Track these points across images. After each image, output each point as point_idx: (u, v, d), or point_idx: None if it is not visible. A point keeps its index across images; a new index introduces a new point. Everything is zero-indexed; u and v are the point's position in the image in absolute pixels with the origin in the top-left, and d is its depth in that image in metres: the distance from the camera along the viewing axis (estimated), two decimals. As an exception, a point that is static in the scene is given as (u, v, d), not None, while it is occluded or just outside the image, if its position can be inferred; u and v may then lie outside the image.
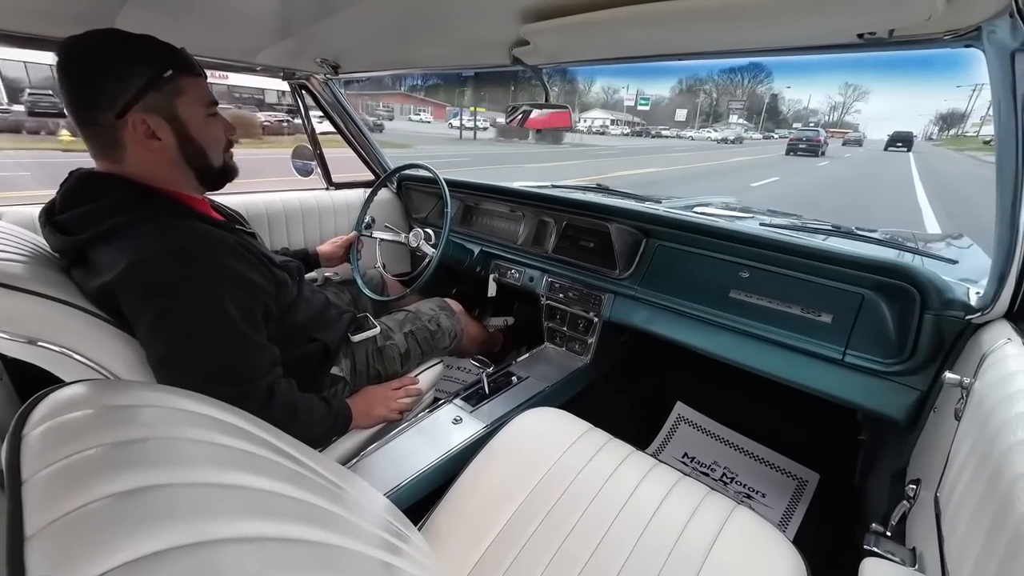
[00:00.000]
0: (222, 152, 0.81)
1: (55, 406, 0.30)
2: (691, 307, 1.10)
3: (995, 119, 0.61)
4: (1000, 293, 0.69)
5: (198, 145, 0.75)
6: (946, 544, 0.51)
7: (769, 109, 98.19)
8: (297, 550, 0.30)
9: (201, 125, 0.75)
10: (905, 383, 0.86)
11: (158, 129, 0.70)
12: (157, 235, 0.68)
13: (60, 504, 0.24)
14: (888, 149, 28.75)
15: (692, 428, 1.43)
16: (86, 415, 0.31)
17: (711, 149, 26.22)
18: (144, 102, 0.68)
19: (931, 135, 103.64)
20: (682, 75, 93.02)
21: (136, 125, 0.68)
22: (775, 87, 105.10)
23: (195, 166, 0.77)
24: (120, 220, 0.67)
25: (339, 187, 1.78)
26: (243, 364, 0.71)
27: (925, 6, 0.51)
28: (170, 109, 0.71)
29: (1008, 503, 0.40)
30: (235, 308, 0.70)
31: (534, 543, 0.66)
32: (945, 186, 10.72)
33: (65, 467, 0.26)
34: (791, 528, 1.15)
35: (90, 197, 0.70)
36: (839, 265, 0.93)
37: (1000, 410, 0.50)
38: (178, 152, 0.74)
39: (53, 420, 0.29)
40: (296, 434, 0.48)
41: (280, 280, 0.83)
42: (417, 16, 0.87)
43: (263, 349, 0.75)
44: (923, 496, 0.65)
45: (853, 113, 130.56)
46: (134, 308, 0.66)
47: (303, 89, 1.57)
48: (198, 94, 0.74)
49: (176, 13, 0.87)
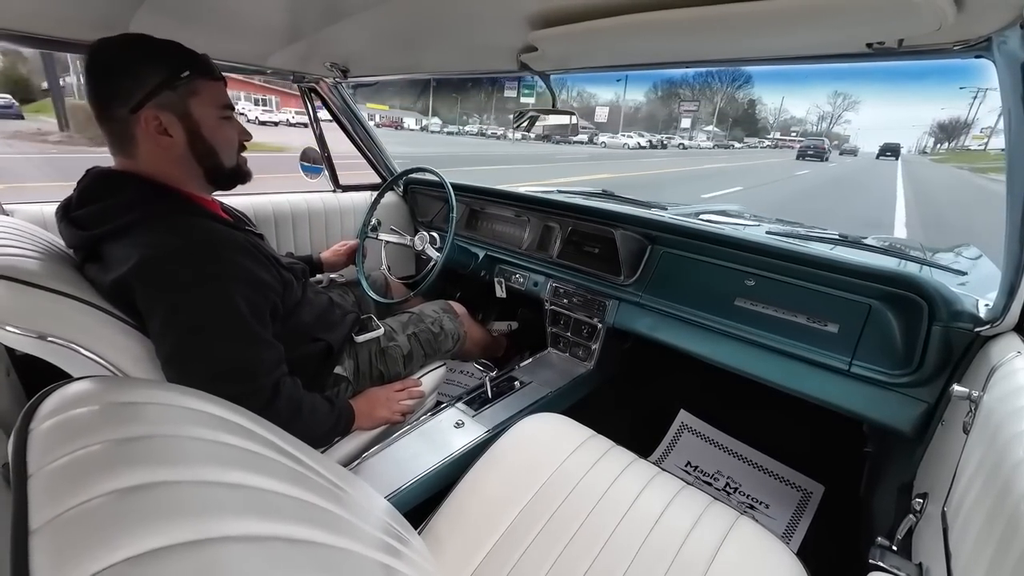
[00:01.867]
0: (235, 154, 0.83)
1: (62, 402, 0.31)
2: (696, 315, 1.09)
3: (1006, 130, 0.61)
4: (1010, 306, 0.68)
5: (208, 144, 0.77)
6: (953, 560, 0.50)
7: (743, 117, 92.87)
8: (298, 550, 0.30)
9: (213, 126, 0.77)
10: (912, 395, 0.85)
11: (169, 126, 0.72)
12: (171, 231, 0.69)
13: (65, 499, 0.24)
14: (879, 158, 35.81)
15: (695, 437, 1.41)
16: (92, 411, 0.31)
17: (624, 158, 20.60)
18: (158, 99, 0.70)
19: (926, 148, 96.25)
20: (658, 79, 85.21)
21: (148, 120, 0.70)
22: (752, 94, 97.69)
23: (205, 165, 0.78)
24: (135, 216, 0.69)
25: (346, 189, 1.79)
26: (250, 361, 0.72)
27: (935, 16, 0.51)
28: (183, 108, 0.73)
29: (1017, 520, 0.40)
30: (245, 305, 0.72)
31: (534, 550, 0.66)
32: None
33: (70, 463, 0.26)
34: (795, 540, 1.14)
35: (106, 193, 0.72)
36: (846, 275, 0.92)
37: (1009, 424, 0.49)
38: (188, 149, 0.75)
39: (59, 416, 0.29)
40: (299, 433, 0.49)
41: (287, 280, 0.84)
42: (426, 22, 0.88)
43: (270, 346, 0.76)
44: (930, 510, 0.64)
45: (842, 124, 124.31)
46: (147, 302, 0.68)
47: (312, 92, 1.58)
48: (213, 96, 0.76)
49: (189, 17, 0.89)
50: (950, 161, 36.78)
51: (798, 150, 29.74)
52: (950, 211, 9.22)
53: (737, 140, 64.51)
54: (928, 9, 0.50)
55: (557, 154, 20.21)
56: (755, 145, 62.67)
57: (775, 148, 58.86)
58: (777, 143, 71.27)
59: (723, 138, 61.90)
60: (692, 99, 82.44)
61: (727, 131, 78.14)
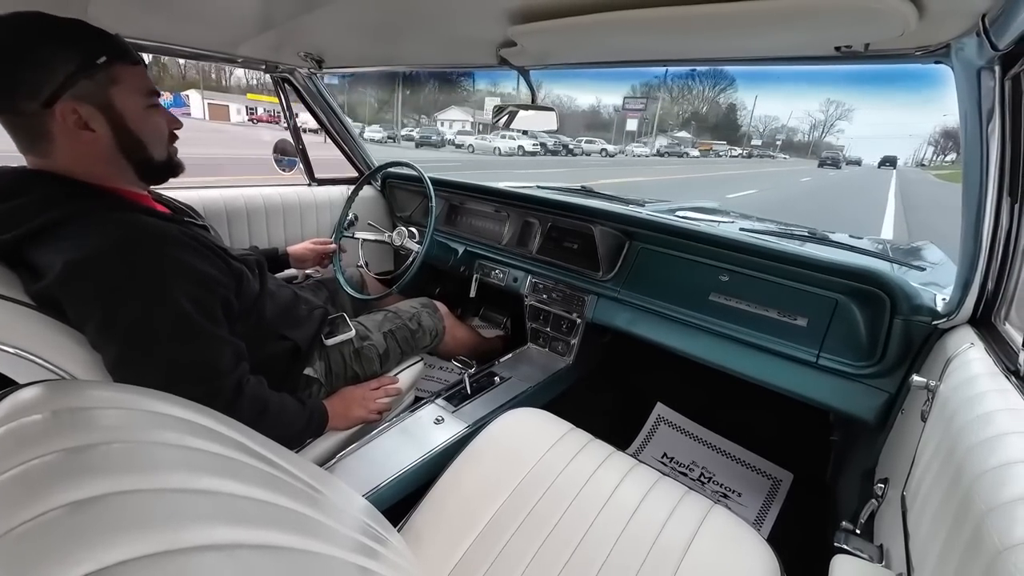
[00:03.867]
0: (165, 146, 0.76)
1: (11, 409, 0.29)
2: (672, 309, 1.12)
3: (962, 133, 0.64)
4: (964, 300, 0.72)
5: (136, 137, 0.70)
6: (911, 540, 0.53)
7: (719, 124, 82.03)
8: (270, 557, 0.29)
9: (140, 116, 0.70)
10: (875, 385, 0.89)
11: (91, 120, 0.65)
12: (96, 231, 0.63)
13: (17, 513, 0.23)
14: (880, 167, 44.77)
15: (671, 429, 1.45)
16: (45, 418, 0.29)
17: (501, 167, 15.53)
18: (74, 91, 0.63)
19: (924, 160, 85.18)
20: (637, 80, 76.56)
21: (66, 115, 0.63)
22: (729, 97, 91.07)
23: (133, 159, 0.72)
24: (52, 216, 0.63)
25: (322, 183, 1.74)
26: (205, 360, 0.68)
27: (898, 23, 0.53)
28: (104, 98, 0.66)
29: (968, 500, 0.42)
30: (189, 302, 0.67)
31: (515, 543, 0.66)
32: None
33: (22, 473, 0.25)
34: (765, 526, 1.18)
35: (12, 195, 0.64)
36: (815, 270, 0.95)
37: (963, 412, 0.52)
38: (114, 144, 0.69)
39: (9, 424, 0.28)
40: (268, 433, 0.46)
41: (237, 272, 0.79)
42: (404, 13, 0.86)
43: (225, 343, 0.71)
44: (891, 495, 0.67)
45: (836, 133, 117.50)
46: (79, 312, 0.62)
47: (286, 83, 1.53)
48: (136, 83, 0.69)
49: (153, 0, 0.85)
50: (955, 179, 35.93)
51: (820, 158, 38.20)
52: (933, 215, 9.81)
53: (694, 146, 51.05)
54: (892, 15, 0.52)
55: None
56: (723, 153, 53.16)
57: (749, 158, 52.94)
58: (752, 152, 63.13)
59: (682, 144, 47.34)
60: (637, 96, 64.63)
61: (694, 136, 66.03)
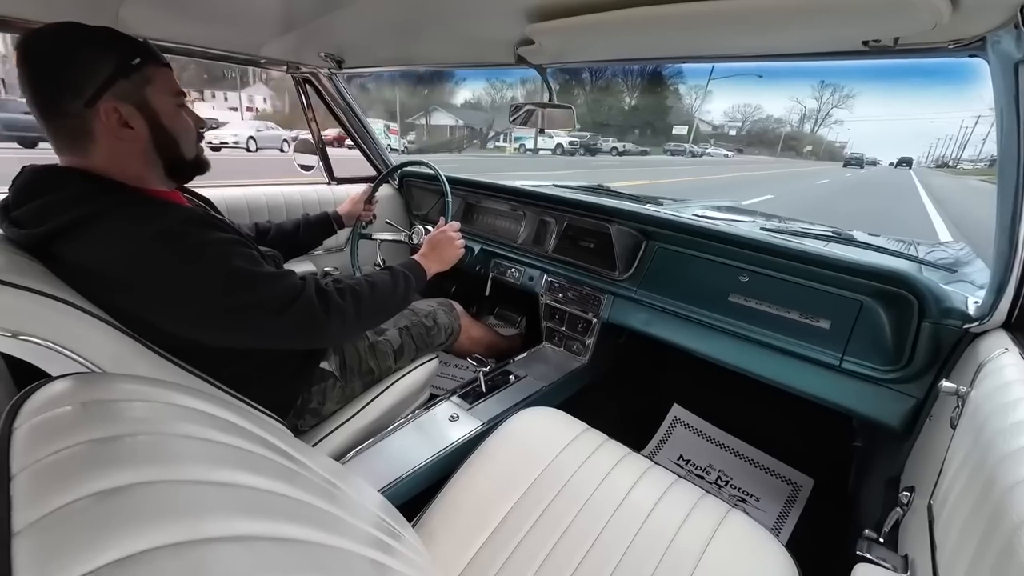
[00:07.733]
0: (195, 143, 0.80)
1: (45, 401, 0.30)
2: (690, 310, 1.10)
3: (997, 129, 0.61)
4: (998, 303, 0.69)
5: (171, 134, 0.74)
6: (938, 552, 0.51)
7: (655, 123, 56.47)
8: (287, 550, 0.30)
9: (173, 114, 0.74)
10: (901, 391, 0.86)
11: (130, 118, 0.68)
12: (140, 220, 0.65)
13: (49, 500, 0.24)
14: (897, 167, 47.72)
15: (688, 431, 1.43)
16: (76, 410, 0.30)
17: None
18: (114, 90, 0.66)
19: (942, 160, 77.37)
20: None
21: (108, 113, 0.66)
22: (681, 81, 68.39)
23: (166, 157, 0.75)
24: (85, 211, 0.64)
25: (341, 182, 1.77)
26: (276, 292, 0.71)
27: (931, 16, 0.51)
28: (141, 97, 0.69)
29: (1000, 513, 0.40)
30: (244, 260, 0.70)
31: (528, 543, 0.66)
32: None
33: (53, 463, 0.26)
34: (784, 532, 1.16)
35: (45, 190, 0.67)
36: (838, 271, 0.93)
37: (995, 419, 0.50)
38: (150, 142, 0.72)
39: (41, 415, 0.29)
40: (380, 311, 0.59)
41: (263, 255, 0.81)
42: (423, 13, 0.86)
43: (283, 273, 0.74)
44: (917, 504, 0.65)
45: (833, 126, 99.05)
46: (135, 303, 0.66)
47: (307, 84, 1.56)
48: (167, 83, 0.73)
49: (179, 4, 0.87)
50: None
51: (845, 159, 40.64)
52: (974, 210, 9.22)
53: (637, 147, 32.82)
54: (924, 8, 0.50)
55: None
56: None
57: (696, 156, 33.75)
58: (691, 151, 35.54)
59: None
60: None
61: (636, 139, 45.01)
